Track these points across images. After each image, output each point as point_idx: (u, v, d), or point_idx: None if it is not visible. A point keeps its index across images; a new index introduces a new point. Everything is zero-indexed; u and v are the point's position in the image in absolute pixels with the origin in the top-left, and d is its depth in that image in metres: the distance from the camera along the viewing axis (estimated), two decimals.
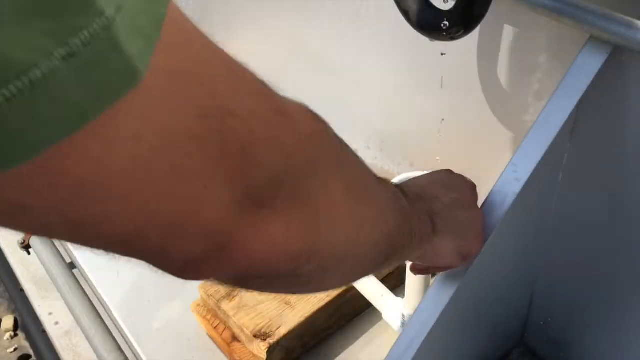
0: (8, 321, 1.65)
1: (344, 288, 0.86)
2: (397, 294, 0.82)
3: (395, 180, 0.63)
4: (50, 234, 0.22)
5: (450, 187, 0.49)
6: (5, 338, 1.63)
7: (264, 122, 0.25)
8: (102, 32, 0.18)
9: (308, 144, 0.28)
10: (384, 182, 0.38)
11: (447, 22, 0.55)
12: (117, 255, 0.24)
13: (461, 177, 0.51)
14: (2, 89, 0.17)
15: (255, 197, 0.25)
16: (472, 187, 0.51)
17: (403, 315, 0.78)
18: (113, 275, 0.99)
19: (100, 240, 0.23)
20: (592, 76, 0.55)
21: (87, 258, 1.03)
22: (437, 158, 0.70)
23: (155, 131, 0.21)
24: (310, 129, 0.28)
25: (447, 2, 0.57)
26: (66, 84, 0.18)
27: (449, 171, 0.52)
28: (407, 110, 0.87)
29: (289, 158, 0.26)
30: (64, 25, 0.18)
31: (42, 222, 0.21)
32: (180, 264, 0.25)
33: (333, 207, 0.30)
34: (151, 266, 0.25)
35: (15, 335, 1.64)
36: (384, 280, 0.87)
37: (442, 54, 0.68)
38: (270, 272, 0.27)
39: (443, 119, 0.81)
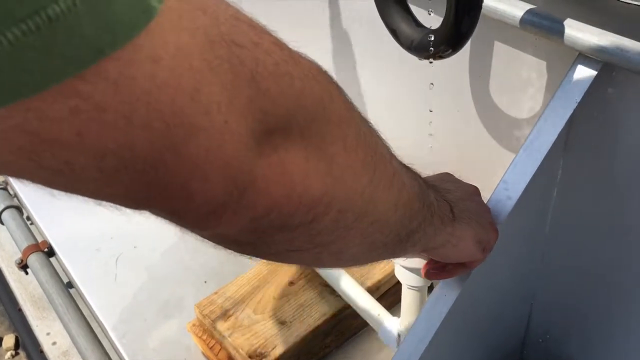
0: (9, 340, 1.64)
1: (342, 305, 0.85)
2: (393, 313, 0.81)
3: None
4: (74, 173, 0.21)
5: (456, 183, 0.49)
6: (6, 357, 1.63)
7: (267, 53, 0.25)
8: None
9: (315, 83, 0.27)
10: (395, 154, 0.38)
11: (434, 41, 0.55)
12: (137, 209, 0.24)
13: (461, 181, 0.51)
14: (20, 23, 0.17)
15: (270, 133, 0.25)
16: (475, 186, 0.51)
17: (399, 335, 0.77)
18: (110, 295, 0.99)
19: (122, 176, 0.22)
20: (582, 93, 0.55)
21: (84, 277, 1.03)
22: (428, 174, 0.70)
23: (173, 53, 0.21)
24: (314, 70, 0.28)
25: (430, 16, 0.57)
26: (83, 20, 0.18)
27: (448, 173, 0.52)
28: (398, 126, 0.87)
29: (298, 93, 0.26)
30: None
31: (65, 157, 0.20)
32: (202, 209, 0.24)
33: (346, 154, 0.29)
34: (172, 221, 0.25)
35: (17, 354, 1.64)
36: (380, 299, 0.86)
37: (432, 82, 0.68)
38: (289, 220, 0.27)
39: (433, 135, 0.81)
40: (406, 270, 0.67)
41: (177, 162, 0.22)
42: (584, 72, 0.55)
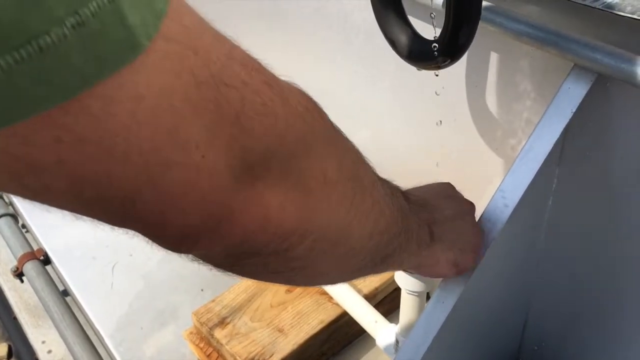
0: (2, 349, 1.63)
1: (339, 312, 0.86)
2: (391, 320, 0.82)
3: None
4: (54, 195, 0.22)
5: (452, 198, 0.50)
6: None
7: (256, 93, 0.25)
8: (109, 4, 0.20)
9: (300, 121, 0.28)
10: (381, 179, 0.38)
11: (433, 52, 0.56)
12: (115, 226, 0.25)
13: (460, 194, 0.52)
14: (14, 51, 0.18)
15: (250, 168, 0.25)
16: (472, 203, 0.52)
17: (397, 341, 0.77)
18: (106, 303, 0.99)
19: (101, 203, 0.23)
20: (577, 103, 0.56)
21: (80, 285, 1.03)
22: (428, 181, 0.71)
23: (155, 93, 0.21)
24: (302, 107, 0.29)
25: (435, 31, 0.58)
26: (72, 51, 0.19)
27: (449, 184, 0.52)
28: (393, 135, 0.88)
29: (282, 131, 0.27)
30: None
31: (45, 181, 0.21)
32: (177, 236, 0.25)
33: (325, 187, 0.30)
34: (148, 239, 0.26)
35: None
36: (377, 306, 0.86)
37: (428, 92, 0.68)
38: (264, 248, 0.28)
39: (430, 145, 0.82)
40: (406, 275, 0.68)
41: (153, 195, 0.23)
42: (579, 83, 0.56)
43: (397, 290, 0.90)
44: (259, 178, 0.26)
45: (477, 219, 0.54)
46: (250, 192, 0.26)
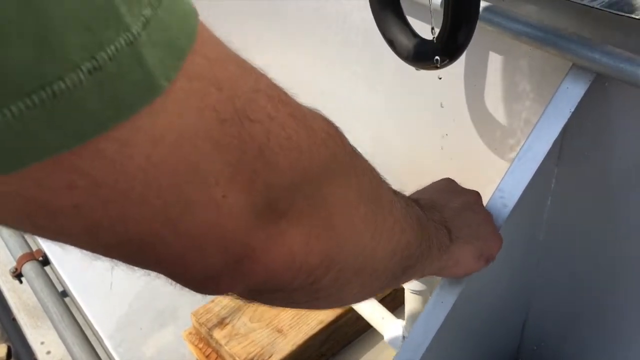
0: (1, 350, 1.63)
1: (338, 312, 0.86)
2: (397, 316, 0.81)
3: None
4: (70, 237, 0.22)
5: (456, 192, 0.49)
6: None
7: (281, 126, 0.25)
8: (127, 47, 0.19)
9: (323, 148, 0.27)
10: (396, 192, 0.38)
11: (431, 52, 0.56)
12: (135, 267, 0.24)
13: (463, 187, 0.52)
14: (26, 98, 0.17)
15: (273, 205, 0.25)
16: (477, 192, 0.51)
17: (404, 338, 0.77)
18: (105, 303, 0.99)
19: (119, 246, 0.22)
20: (575, 103, 0.56)
21: (79, 286, 1.02)
22: (427, 182, 0.71)
23: (175, 134, 0.21)
24: (324, 133, 0.28)
25: (434, 31, 0.58)
26: (87, 96, 0.18)
27: (449, 179, 0.52)
28: (394, 137, 0.88)
29: (306, 164, 0.26)
30: (93, 39, 0.18)
31: (61, 223, 0.21)
32: (199, 278, 0.25)
33: (349, 216, 0.30)
34: (170, 280, 0.25)
35: None
36: (382, 302, 0.86)
37: (427, 92, 0.68)
38: (288, 285, 0.27)
39: (430, 144, 0.82)
40: None
41: (172, 237, 0.22)
42: (577, 83, 0.56)
43: (400, 288, 0.90)
44: (282, 215, 0.25)
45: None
46: (273, 231, 0.25)
